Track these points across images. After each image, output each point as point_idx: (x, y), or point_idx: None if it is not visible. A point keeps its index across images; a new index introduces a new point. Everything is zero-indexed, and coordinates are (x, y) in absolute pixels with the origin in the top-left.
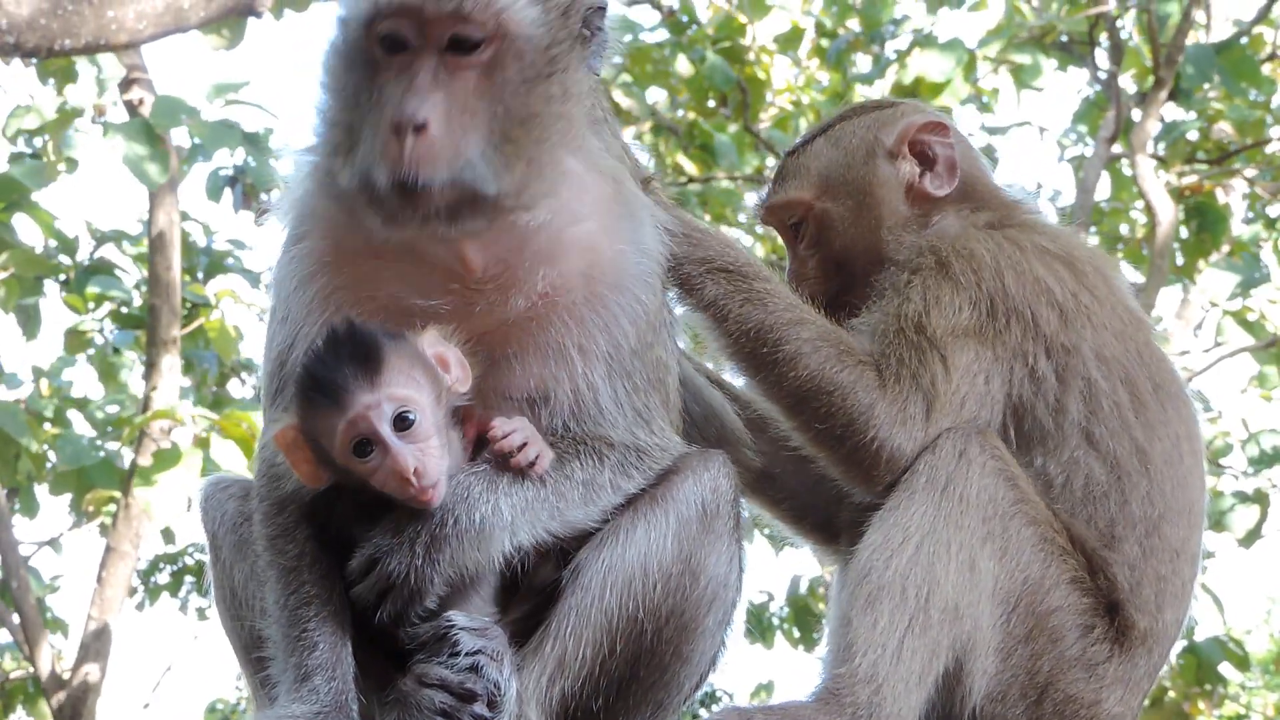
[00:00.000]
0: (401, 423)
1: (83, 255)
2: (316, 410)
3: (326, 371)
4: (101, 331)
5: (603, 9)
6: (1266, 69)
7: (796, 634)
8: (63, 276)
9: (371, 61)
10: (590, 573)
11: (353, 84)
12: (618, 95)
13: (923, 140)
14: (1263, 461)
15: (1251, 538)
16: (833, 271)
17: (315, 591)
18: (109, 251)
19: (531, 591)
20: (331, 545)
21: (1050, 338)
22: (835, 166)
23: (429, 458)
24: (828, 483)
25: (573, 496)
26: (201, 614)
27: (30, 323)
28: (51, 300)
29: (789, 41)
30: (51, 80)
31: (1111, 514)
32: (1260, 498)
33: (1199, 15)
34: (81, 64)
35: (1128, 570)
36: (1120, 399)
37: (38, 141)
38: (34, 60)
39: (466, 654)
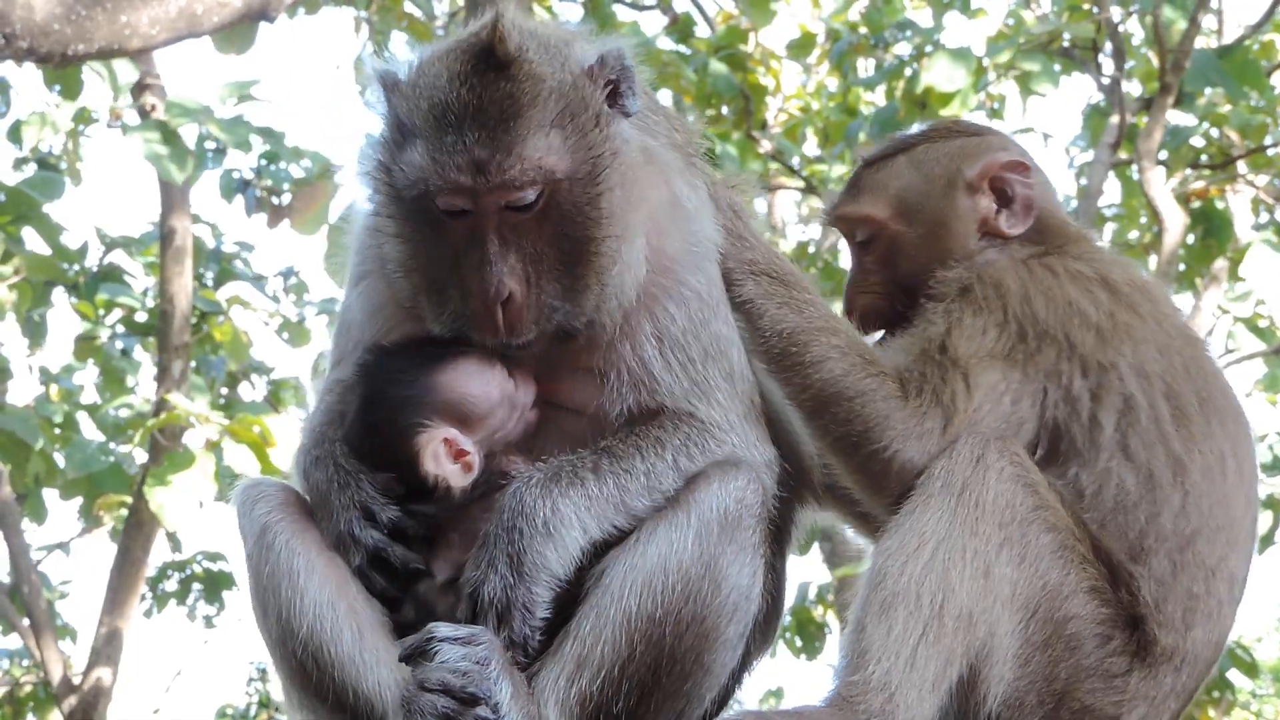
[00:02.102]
0: None
1: (92, 261)
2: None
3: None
4: (113, 338)
5: (620, 53)
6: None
7: (799, 643)
8: (71, 283)
9: (433, 218)
10: (612, 574)
11: (420, 235)
12: None
13: (1004, 178)
14: (1275, 467)
15: (1264, 544)
16: (895, 292)
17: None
18: (118, 257)
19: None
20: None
21: (1086, 357)
22: (914, 191)
23: None
24: None
25: (636, 488)
26: (209, 621)
27: (37, 332)
28: (60, 306)
29: (800, 48)
30: (58, 87)
31: (1141, 525)
32: (1273, 504)
33: (1210, 22)
34: (94, 69)
35: (1154, 585)
36: (1160, 412)
37: (43, 148)
38: (46, 65)
39: (450, 669)
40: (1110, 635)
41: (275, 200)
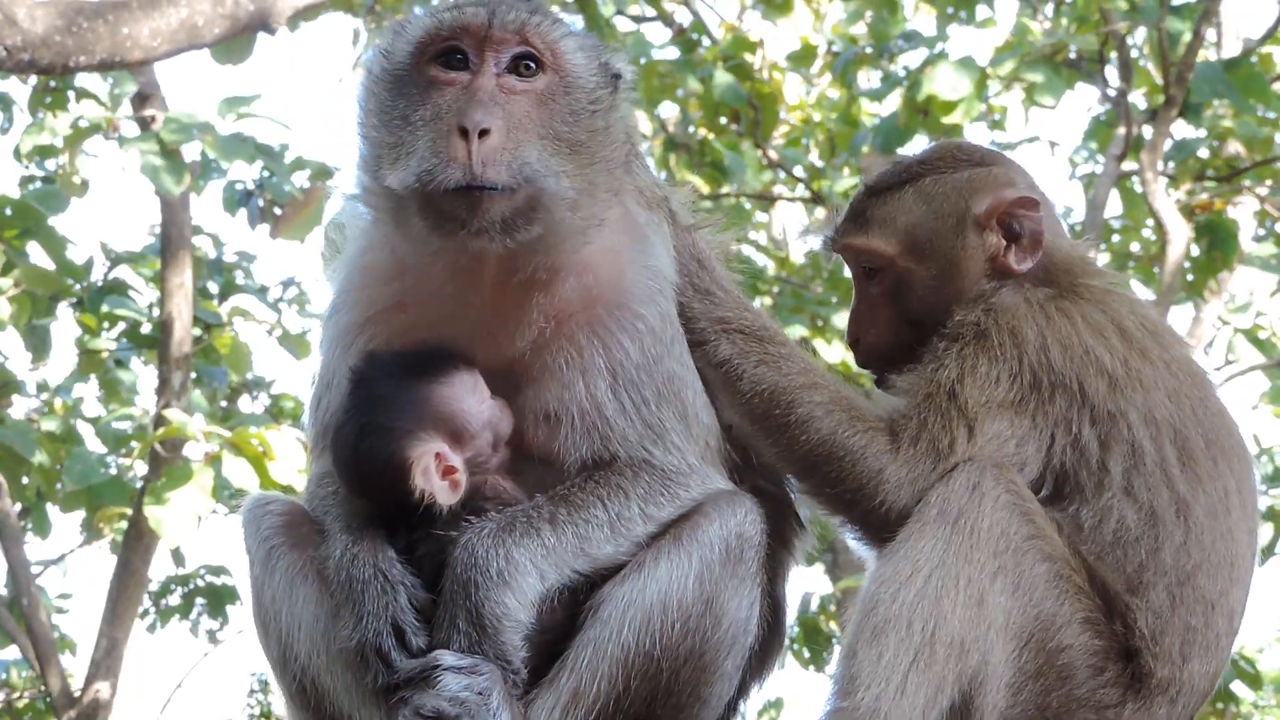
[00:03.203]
0: None
1: (97, 275)
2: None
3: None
4: (114, 352)
5: (619, 77)
6: (1277, 88)
7: (806, 654)
8: (75, 299)
9: (423, 82)
10: (610, 608)
11: (403, 105)
12: None
13: (1013, 214)
14: (1276, 479)
15: (1264, 555)
16: (902, 327)
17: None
18: (123, 272)
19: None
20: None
21: (1097, 406)
22: (923, 228)
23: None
24: None
25: (598, 536)
26: (212, 636)
27: (40, 346)
28: (63, 319)
29: (801, 59)
30: (47, 113)
31: (1141, 559)
32: (1273, 515)
33: (1209, 34)
34: (89, 81)
35: (1151, 617)
36: (1166, 456)
37: (50, 164)
38: (47, 77)
39: (448, 697)
40: (1103, 667)
41: (277, 211)
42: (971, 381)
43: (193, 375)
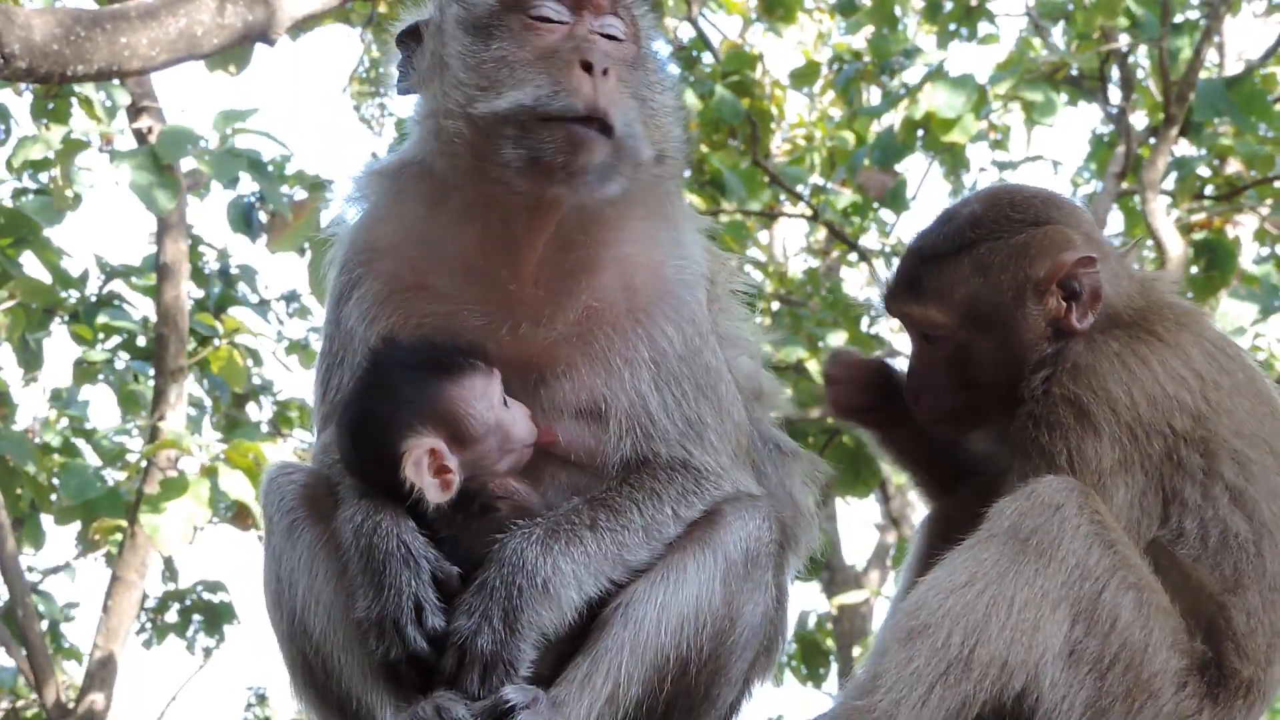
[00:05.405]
0: None
1: (92, 289)
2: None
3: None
4: (112, 362)
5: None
6: (1278, 107)
7: (804, 670)
8: (70, 311)
9: (515, 27)
10: (644, 610)
11: (495, 48)
12: None
13: (1073, 275)
14: None
15: None
16: (963, 391)
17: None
18: (118, 286)
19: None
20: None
21: (1189, 435)
22: (982, 300)
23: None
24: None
25: (634, 542)
26: (209, 653)
27: (33, 360)
28: (58, 334)
29: (804, 77)
30: (45, 120)
31: (1244, 565)
32: None
33: (1211, 54)
34: (84, 93)
35: (1245, 616)
36: (1268, 464)
37: (44, 176)
38: (45, 86)
39: None
40: (1185, 682)
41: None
42: (1083, 466)
43: (200, 383)
